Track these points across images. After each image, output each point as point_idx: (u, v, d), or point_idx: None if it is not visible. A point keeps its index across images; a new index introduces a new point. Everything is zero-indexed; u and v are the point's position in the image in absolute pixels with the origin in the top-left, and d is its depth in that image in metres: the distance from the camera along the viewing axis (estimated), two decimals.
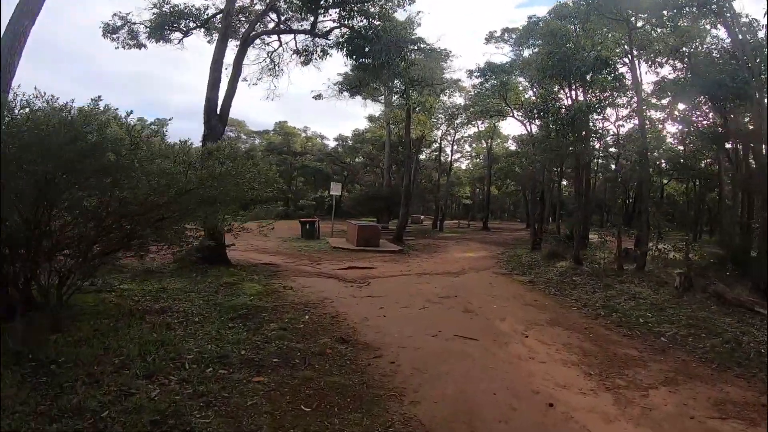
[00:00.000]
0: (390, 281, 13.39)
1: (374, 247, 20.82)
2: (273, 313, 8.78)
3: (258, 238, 23.74)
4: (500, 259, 20.57)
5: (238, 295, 10.14)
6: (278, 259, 17.00)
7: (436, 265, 17.39)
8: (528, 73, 22.45)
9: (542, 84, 20.44)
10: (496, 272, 16.38)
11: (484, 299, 11.41)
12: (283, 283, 11.99)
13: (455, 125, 40.93)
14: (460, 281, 14.00)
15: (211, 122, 14.39)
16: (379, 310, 9.63)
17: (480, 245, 27.23)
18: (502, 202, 77.73)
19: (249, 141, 69.79)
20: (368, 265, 16.34)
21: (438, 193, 45.71)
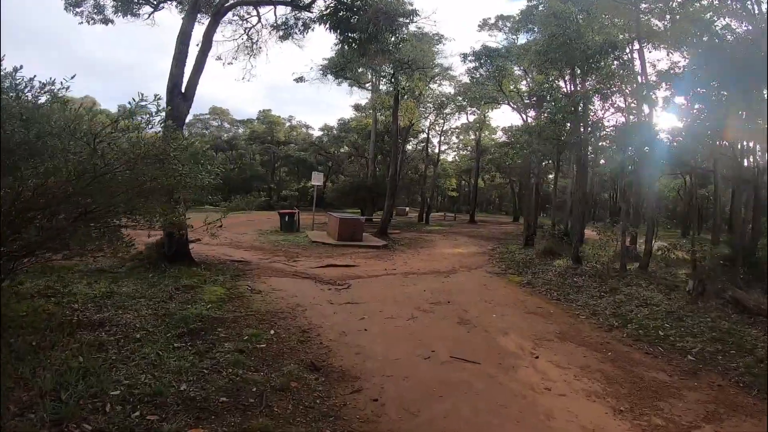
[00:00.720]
0: (373, 283, 11.96)
1: (357, 241, 19.37)
2: (231, 328, 7.30)
3: (234, 231, 22.39)
4: (492, 255, 19.24)
5: (195, 302, 8.67)
6: (251, 254, 15.54)
7: (423, 263, 15.99)
8: (526, 59, 21.06)
9: (542, 69, 19.02)
10: (490, 271, 15.03)
11: (481, 306, 10.03)
12: (252, 286, 10.52)
13: (444, 115, 39.51)
14: (452, 283, 12.59)
15: (174, 101, 12.75)
16: (360, 322, 8.19)
17: (469, 240, 25.91)
18: (488, 195, 76.91)
19: (233, 130, 68.41)
20: (349, 262, 14.88)
21: (424, 184, 44.33)
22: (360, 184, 38.93)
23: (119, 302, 8.09)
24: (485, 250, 21.29)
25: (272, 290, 10.22)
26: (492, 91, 23.04)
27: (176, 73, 13.04)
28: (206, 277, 10.88)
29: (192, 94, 13.32)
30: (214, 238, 11.90)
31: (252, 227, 24.56)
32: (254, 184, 59.16)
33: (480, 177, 52.49)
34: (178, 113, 12.67)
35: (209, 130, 68.64)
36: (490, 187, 66.94)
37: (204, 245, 17.20)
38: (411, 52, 21.34)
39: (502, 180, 60.23)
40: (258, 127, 64.22)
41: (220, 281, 10.67)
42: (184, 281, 10.22)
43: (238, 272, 12.04)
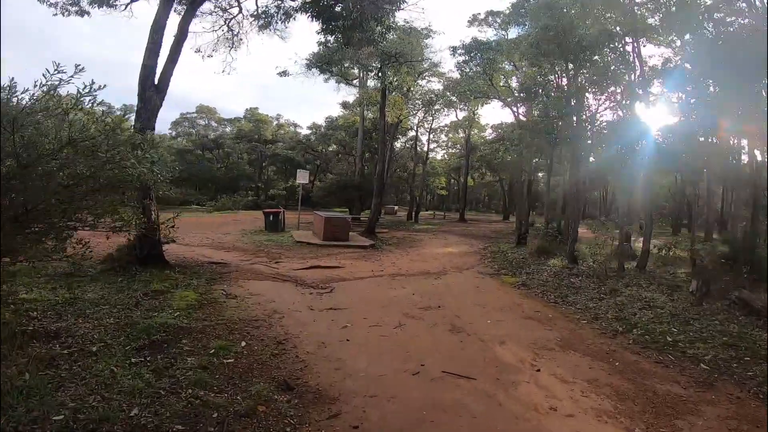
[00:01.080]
0: (358, 285, 11.20)
1: (343, 241, 18.60)
2: (198, 339, 6.55)
3: (218, 231, 21.61)
4: (483, 255, 18.56)
5: (163, 309, 7.93)
6: (232, 255, 14.74)
7: (412, 264, 15.27)
8: (518, 52, 20.39)
9: (534, 62, 18.36)
10: (482, 272, 14.33)
11: (475, 310, 9.31)
12: (227, 290, 9.75)
13: (433, 112, 38.88)
14: (443, 285, 11.86)
15: (145, 93, 11.95)
16: (342, 331, 7.45)
17: (459, 238, 25.22)
18: (477, 194, 76.45)
19: (220, 129, 67.47)
20: (334, 263, 14.12)
21: (413, 182, 43.62)
22: (347, 183, 38.13)
23: (81, 310, 7.41)
24: (476, 249, 20.62)
25: (249, 295, 9.46)
26: (482, 85, 22.35)
27: (149, 65, 12.24)
28: (179, 281, 10.13)
29: (165, 86, 12.51)
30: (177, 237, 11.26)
31: (237, 227, 23.81)
32: (241, 184, 58.32)
33: (470, 175, 51.76)
34: (151, 105, 11.98)
35: (196, 129, 67.73)
36: (480, 185, 66.42)
37: (183, 246, 16.50)
38: (398, 44, 20.63)
39: (492, 178, 59.65)
40: (245, 126, 63.33)
41: (194, 285, 9.91)
42: (155, 286, 9.47)
43: (215, 275, 11.26)
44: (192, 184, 59.24)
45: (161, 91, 12.28)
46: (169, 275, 10.59)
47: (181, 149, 61.89)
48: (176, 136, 68.23)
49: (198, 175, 58.44)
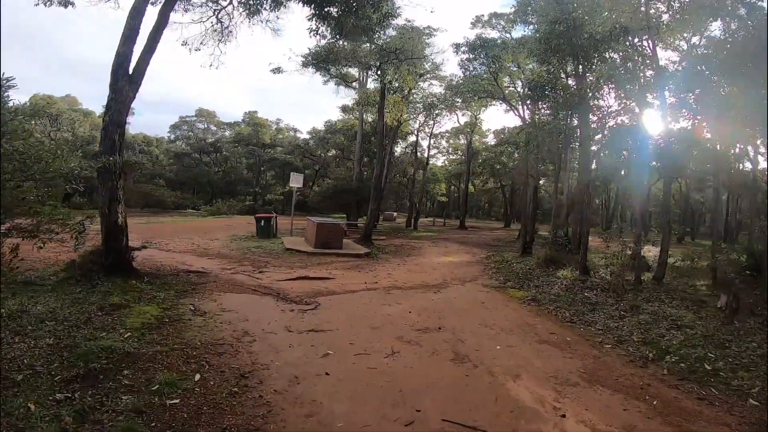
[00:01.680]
0: (348, 301, 9.90)
1: (336, 249, 17.36)
2: (143, 369, 5.37)
3: (206, 237, 20.41)
4: (487, 265, 17.35)
5: (114, 327, 6.76)
6: (215, 264, 13.55)
7: (410, 274, 14.00)
8: (524, 50, 19.28)
9: (543, 59, 17.17)
10: (487, 285, 13.08)
11: (481, 333, 8.05)
12: (197, 305, 8.53)
13: (434, 116, 37.76)
14: (443, 300, 10.56)
15: (117, 84, 10.75)
16: (322, 361, 6.18)
17: (460, 247, 24.00)
18: (478, 200, 75.37)
19: (219, 132, 66.72)
20: (324, 274, 12.84)
21: (413, 188, 42.40)
22: (344, 188, 37.04)
23: (25, 325, 6.31)
24: (479, 258, 19.42)
25: (220, 311, 8.23)
26: (486, 85, 21.19)
27: (122, 52, 11.00)
28: (144, 294, 8.93)
29: (140, 76, 11.31)
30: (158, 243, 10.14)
31: (227, 232, 22.64)
32: (239, 188, 57.48)
33: (470, 182, 50.59)
34: (122, 97, 10.79)
35: (194, 132, 66.97)
36: (481, 192, 65.28)
37: (164, 252, 15.37)
38: (398, 41, 19.50)
39: (493, 185, 58.61)
40: (244, 130, 62.59)
41: (160, 299, 8.71)
42: (114, 298, 8.27)
43: (188, 287, 10.08)
44: (189, 188, 58.42)
45: (135, 81, 11.09)
46: (134, 286, 9.38)
47: (179, 152, 61.19)
48: (175, 140, 67.56)
49: (195, 178, 57.64)
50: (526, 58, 19.98)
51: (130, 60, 11.08)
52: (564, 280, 13.58)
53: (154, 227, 25.30)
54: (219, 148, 62.20)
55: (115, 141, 10.37)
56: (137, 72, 11.21)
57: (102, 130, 10.71)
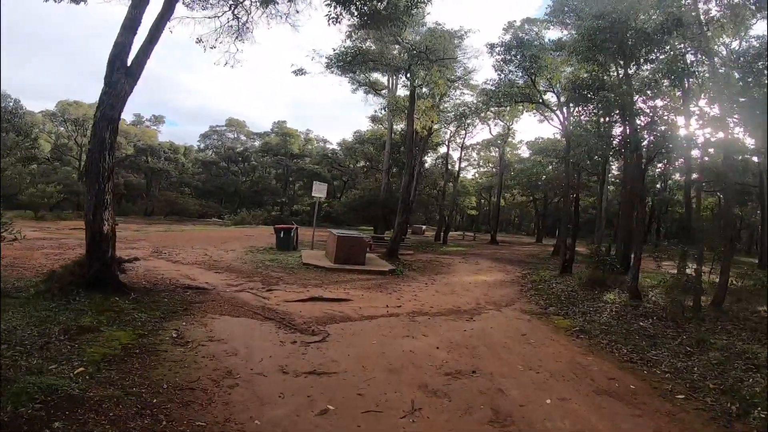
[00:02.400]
0: (364, 330, 8.32)
1: (358, 264, 15.85)
2: (81, 421, 4.19)
3: (222, 248, 19.19)
4: (523, 285, 15.66)
5: (70, 358, 5.57)
6: (221, 278, 12.25)
7: (439, 297, 12.37)
8: (565, 50, 17.70)
9: (586, 57, 15.55)
10: (526, 310, 11.39)
11: (525, 378, 6.41)
12: (182, 331, 7.18)
13: (465, 125, 36.26)
14: (478, 331, 8.89)
15: (113, 76, 9.52)
16: (318, 421, 4.62)
17: (492, 263, 22.29)
18: (507, 214, 73.41)
19: (249, 142, 66.49)
20: (341, 294, 11.31)
21: (443, 201, 40.76)
22: (372, 199, 35.63)
23: None
24: (514, 277, 17.73)
25: (207, 340, 6.83)
26: (524, 88, 19.56)
27: (121, 43, 9.82)
28: (123, 314, 7.68)
29: (139, 69, 10.09)
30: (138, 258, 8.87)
31: (246, 243, 21.46)
32: (265, 198, 56.78)
33: (503, 194, 48.80)
34: (116, 90, 9.56)
35: (222, 142, 66.85)
36: (511, 205, 63.34)
37: (171, 264, 14.22)
38: (429, 39, 18.08)
39: (524, 198, 56.78)
40: (272, 139, 62.14)
41: (140, 321, 7.41)
42: (85, 319, 7.09)
43: (180, 306, 8.74)
44: (216, 197, 57.99)
45: (132, 74, 9.86)
46: (115, 304, 8.10)
47: (206, 161, 60.99)
48: (205, 149, 67.51)
49: (222, 187, 57.23)
50: (567, 58, 18.29)
51: (128, 51, 9.89)
52: (613, 306, 11.92)
53: (171, 235, 24.31)
54: (247, 157, 61.85)
55: (105, 139, 9.11)
56: (136, 64, 10.01)
57: (92, 126, 9.47)
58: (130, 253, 15.81)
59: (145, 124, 64.65)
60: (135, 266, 12.99)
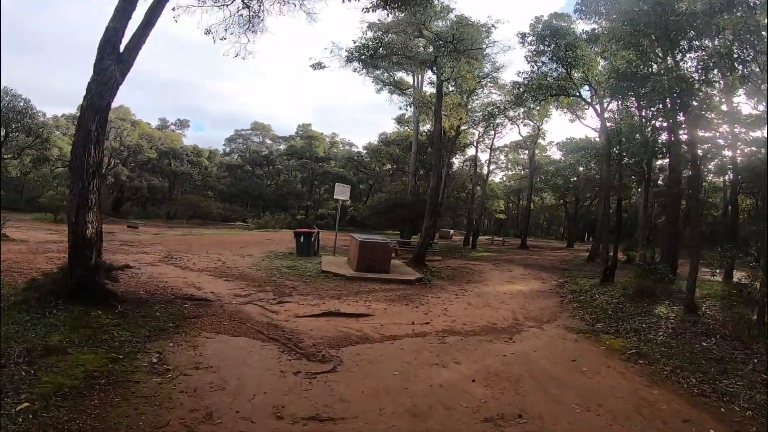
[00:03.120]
0: (385, 356, 6.94)
1: (381, 273, 14.50)
2: None
3: (239, 253, 18.14)
4: (562, 296, 14.21)
5: (20, 389, 4.59)
6: (229, 287, 11.14)
7: (471, 310, 10.96)
8: (604, 38, 16.19)
9: (630, 43, 14.04)
10: (572, 328, 9.92)
11: (584, 425, 4.98)
12: (166, 354, 6.06)
13: (494, 125, 34.76)
14: (520, 357, 7.44)
15: (103, 62, 8.43)
16: None
17: (525, 270, 20.77)
18: (536, 218, 71.45)
19: (274, 146, 65.96)
20: (361, 308, 10.00)
21: (472, 204, 39.25)
22: (398, 202, 34.28)
23: None
24: (550, 286, 16.26)
25: (193, 367, 5.66)
26: (558, 80, 18.02)
27: (113, 27, 8.70)
28: (101, 332, 6.54)
29: (132, 56, 8.96)
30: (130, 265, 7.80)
31: (265, 248, 20.40)
32: (290, 202, 56.04)
33: (533, 197, 47.15)
34: (105, 78, 8.41)
35: (247, 145, 66.42)
36: (540, 209, 61.43)
37: (180, 270, 13.31)
38: (456, 27, 16.73)
39: (554, 201, 55.05)
40: (297, 143, 61.43)
41: (118, 341, 6.35)
42: (54, 338, 6.10)
43: (174, 321, 7.62)
44: (241, 201, 57.45)
45: (124, 61, 8.75)
46: (95, 318, 7.02)
47: (231, 164, 60.62)
48: (230, 153, 67.17)
49: (247, 191, 56.69)
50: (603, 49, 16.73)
51: (121, 36, 8.77)
52: (667, 321, 10.43)
53: (189, 239, 23.45)
54: (272, 161, 61.21)
55: (91, 131, 8.00)
56: (129, 50, 8.89)
57: (78, 117, 8.39)
58: (139, 258, 14.89)
59: (170, 128, 64.46)
60: (139, 273, 12.03)
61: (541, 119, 35.60)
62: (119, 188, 48.59)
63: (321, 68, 18.34)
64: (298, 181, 60.28)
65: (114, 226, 32.00)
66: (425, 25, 16.82)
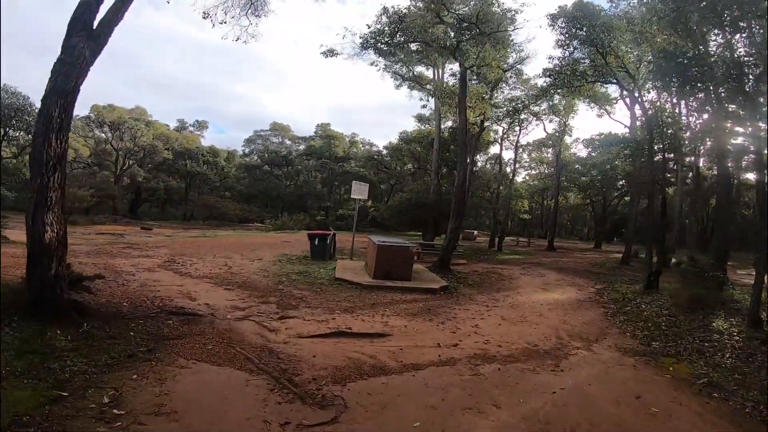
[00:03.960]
0: (404, 395, 5.42)
1: (402, 280, 13.01)
2: None
3: (249, 256, 16.87)
4: (605, 306, 12.58)
5: None
6: (229, 298, 9.88)
7: (506, 327, 9.42)
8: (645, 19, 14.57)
9: (676, 21, 12.43)
10: (626, 349, 8.31)
11: None
12: (127, 390, 4.84)
13: (518, 121, 33.24)
14: (573, 396, 5.85)
15: (71, 40, 7.14)
16: None
17: (558, 275, 19.05)
18: (560, 218, 69.57)
19: (293, 147, 65.13)
20: (376, 325, 8.56)
21: (497, 204, 37.56)
22: (420, 202, 32.70)
23: None
24: (589, 294, 14.64)
25: (153, 412, 4.42)
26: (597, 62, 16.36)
27: (86, 2, 7.41)
28: (53, 357, 5.36)
29: (106, 32, 7.65)
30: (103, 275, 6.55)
31: (278, 251, 19.07)
32: (309, 202, 54.96)
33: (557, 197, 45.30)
34: (73, 57, 7.09)
35: (265, 146, 65.67)
36: (565, 208, 59.47)
37: (179, 276, 12.15)
38: (480, 8, 15.18)
39: (580, 200, 53.04)
40: (316, 143, 60.42)
41: (69, 371, 5.19)
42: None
43: (149, 343, 6.34)
44: (260, 201, 56.58)
45: (96, 38, 7.44)
46: (49, 340, 5.82)
47: (249, 165, 59.93)
48: (249, 153, 66.50)
49: (266, 191, 55.82)
50: (648, 23, 15.03)
51: (95, 12, 7.49)
52: (731, 339, 8.87)
53: (199, 242, 22.28)
54: (291, 161, 60.27)
55: (53, 117, 6.70)
56: (103, 26, 7.58)
57: (41, 102, 7.08)
58: (138, 263, 13.72)
59: (189, 129, 63.98)
60: (131, 280, 10.83)
61: (567, 114, 34.05)
62: (136, 189, 48.01)
63: (333, 56, 16.94)
64: (318, 182, 59.32)
65: (127, 228, 31.21)
66: (446, 6, 15.30)
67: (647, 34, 15.27)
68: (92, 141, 48.62)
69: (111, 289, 9.59)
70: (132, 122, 44.99)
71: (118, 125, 45.13)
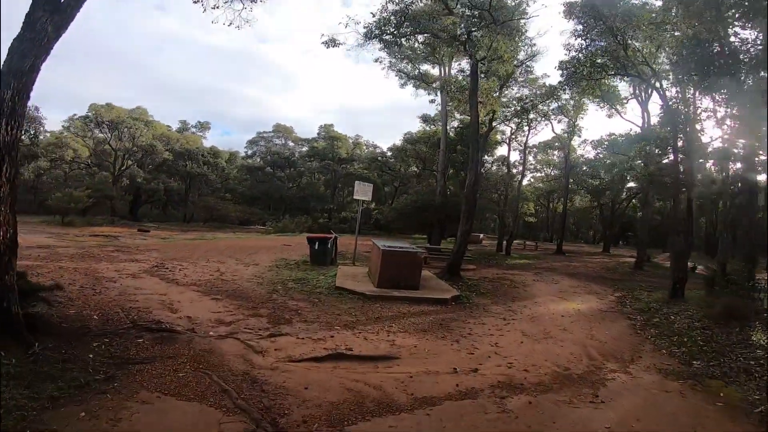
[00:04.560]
0: None
1: (409, 289, 11.89)
2: None
3: (244, 261, 15.86)
4: (631, 317, 11.50)
5: None
6: (216, 309, 8.88)
7: (529, 345, 8.30)
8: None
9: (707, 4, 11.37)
10: (667, 370, 7.19)
11: None
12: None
13: (528, 121, 32.30)
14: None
15: (34, 13, 6.12)
16: None
17: (572, 281, 17.96)
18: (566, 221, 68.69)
19: (297, 148, 64.20)
20: (382, 345, 7.44)
21: (505, 206, 36.50)
22: (426, 204, 31.62)
23: None
24: (609, 303, 13.57)
25: None
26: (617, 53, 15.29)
27: None
28: None
29: (74, 4, 6.60)
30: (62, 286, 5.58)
31: (277, 254, 18.16)
32: (312, 204, 54.07)
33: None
34: (33, 33, 6.05)
35: (268, 147, 64.73)
36: (571, 211, 58.47)
37: (165, 283, 11.20)
38: None
39: (588, 203, 51.98)
40: (319, 144, 59.53)
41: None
42: None
43: (107, 370, 5.25)
44: (262, 203, 55.66)
45: (62, 11, 6.39)
46: None
47: (251, 167, 59.12)
48: (252, 155, 65.59)
49: (268, 193, 54.93)
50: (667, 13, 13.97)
51: None
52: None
53: (195, 244, 21.36)
54: (293, 162, 59.36)
55: (5, 100, 5.67)
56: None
57: None
58: (124, 268, 12.74)
59: (191, 130, 63.07)
60: (110, 287, 9.81)
61: (576, 115, 33.25)
62: (136, 190, 47.10)
63: (335, 45, 15.80)
64: (321, 184, 58.44)
65: (124, 230, 30.23)
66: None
67: (670, 24, 14.26)
68: (91, 141, 47.77)
69: (84, 298, 8.60)
70: (130, 122, 44.08)
71: (116, 124, 44.28)
